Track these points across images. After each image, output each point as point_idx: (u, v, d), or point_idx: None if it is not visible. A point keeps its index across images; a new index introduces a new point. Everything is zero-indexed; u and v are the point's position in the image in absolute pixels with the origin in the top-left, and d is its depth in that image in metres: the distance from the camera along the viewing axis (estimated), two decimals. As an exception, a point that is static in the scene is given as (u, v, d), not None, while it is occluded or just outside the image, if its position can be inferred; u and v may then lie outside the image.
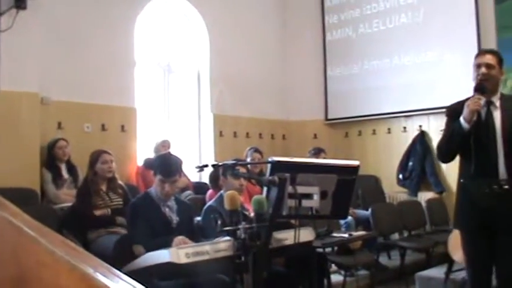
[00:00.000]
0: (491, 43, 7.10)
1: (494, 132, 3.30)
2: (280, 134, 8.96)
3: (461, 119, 3.29)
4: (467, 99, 3.37)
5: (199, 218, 4.15)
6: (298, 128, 9.00)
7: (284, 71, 9.12)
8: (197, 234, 3.87)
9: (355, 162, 2.85)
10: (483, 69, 3.35)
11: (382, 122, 8.38)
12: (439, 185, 7.59)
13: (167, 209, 3.83)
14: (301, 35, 9.16)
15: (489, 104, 3.37)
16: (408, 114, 8.05)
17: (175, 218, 3.81)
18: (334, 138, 8.85)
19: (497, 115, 3.36)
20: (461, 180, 3.40)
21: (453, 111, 3.47)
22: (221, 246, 2.76)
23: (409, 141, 8.03)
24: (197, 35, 7.97)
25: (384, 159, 8.30)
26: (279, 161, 2.57)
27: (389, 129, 8.34)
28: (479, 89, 3.33)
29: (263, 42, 8.79)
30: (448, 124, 3.51)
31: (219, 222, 2.60)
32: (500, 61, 3.42)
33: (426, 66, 7.84)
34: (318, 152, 6.61)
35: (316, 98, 8.98)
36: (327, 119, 8.95)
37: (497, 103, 3.39)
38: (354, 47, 8.69)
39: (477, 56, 3.47)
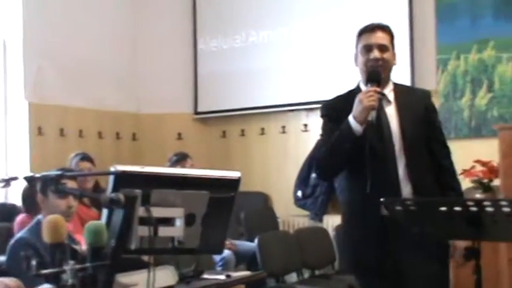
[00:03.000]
0: (428, 11, 7.41)
1: (390, 136, 3.50)
2: (129, 132, 8.98)
3: (351, 119, 3.42)
4: (351, 92, 3.59)
5: (3, 258, 4.01)
6: (155, 124, 9.03)
7: (135, 44, 9.13)
8: None
9: (236, 174, 2.90)
10: (376, 53, 3.53)
11: (274, 117, 8.55)
12: (352, 205, 7.80)
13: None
14: (160, -7, 9.33)
15: (380, 97, 3.53)
16: (311, 106, 8.06)
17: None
18: (206, 139, 8.98)
19: (391, 112, 3.56)
20: (350, 205, 3.60)
21: (333, 110, 3.66)
22: (37, 298, 2.69)
23: (312, 144, 7.75)
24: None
25: (276, 170, 8.46)
26: (126, 172, 2.55)
27: (284, 127, 8.49)
28: (375, 78, 3.49)
29: (105, 4, 8.70)
30: (326, 128, 3.67)
31: (34, 262, 2.49)
32: (392, 40, 3.61)
33: (339, 40, 7.81)
34: (182, 158, 6.74)
35: (182, 83, 9.10)
36: (196, 113, 9.08)
37: (391, 96, 3.61)
38: (236, 11, 8.79)
39: (363, 33, 3.63)
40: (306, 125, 8.34)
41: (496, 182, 6.00)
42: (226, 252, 6.15)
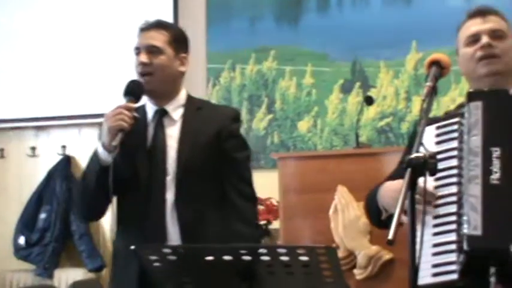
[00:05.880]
0: (198, 9, 7.68)
1: (164, 164, 3.59)
2: None
3: (99, 144, 3.50)
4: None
5: None
6: None
7: None
8: None
9: None
10: (141, 57, 3.61)
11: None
12: (95, 256, 7.76)
13: None
14: None
15: (162, 114, 3.64)
16: (42, 123, 8.22)
17: None
18: None
19: (173, 134, 3.65)
20: (114, 249, 3.73)
21: None
22: None
23: (42, 175, 8.08)
24: None
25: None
26: None
27: (2, 150, 8.37)
28: (131, 90, 3.56)
29: None
30: None
31: None
32: (175, 39, 3.63)
33: (89, 36, 7.90)
34: None
35: None
36: None
37: (177, 113, 3.67)
38: None
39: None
40: (33, 149, 8.26)
41: (276, 225, 6.18)
42: None
